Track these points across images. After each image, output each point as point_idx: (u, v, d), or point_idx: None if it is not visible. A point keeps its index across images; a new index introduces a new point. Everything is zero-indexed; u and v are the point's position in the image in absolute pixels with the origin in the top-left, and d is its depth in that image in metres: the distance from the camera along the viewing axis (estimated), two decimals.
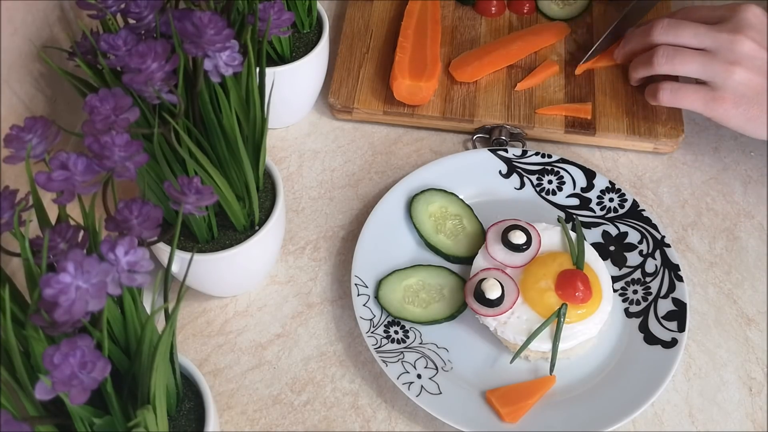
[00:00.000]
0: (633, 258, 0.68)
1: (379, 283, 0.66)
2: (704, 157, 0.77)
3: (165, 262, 0.61)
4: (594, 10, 0.85)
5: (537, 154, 0.73)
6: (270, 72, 0.69)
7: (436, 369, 0.63)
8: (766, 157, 0.77)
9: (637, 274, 0.67)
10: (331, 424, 0.62)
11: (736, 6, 0.69)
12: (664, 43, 0.70)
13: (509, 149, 0.74)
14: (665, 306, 0.65)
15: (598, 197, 0.71)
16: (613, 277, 0.66)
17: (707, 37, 0.68)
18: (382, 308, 0.65)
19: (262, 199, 0.63)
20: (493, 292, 0.62)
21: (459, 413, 0.60)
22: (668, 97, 0.71)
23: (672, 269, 0.67)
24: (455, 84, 0.79)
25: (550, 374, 0.63)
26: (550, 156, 0.73)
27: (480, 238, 0.69)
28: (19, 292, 0.46)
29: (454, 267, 0.68)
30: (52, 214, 0.47)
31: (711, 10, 0.71)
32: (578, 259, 0.64)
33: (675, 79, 0.73)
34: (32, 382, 0.41)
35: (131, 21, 0.53)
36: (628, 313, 0.66)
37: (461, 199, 0.71)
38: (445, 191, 0.71)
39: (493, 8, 0.84)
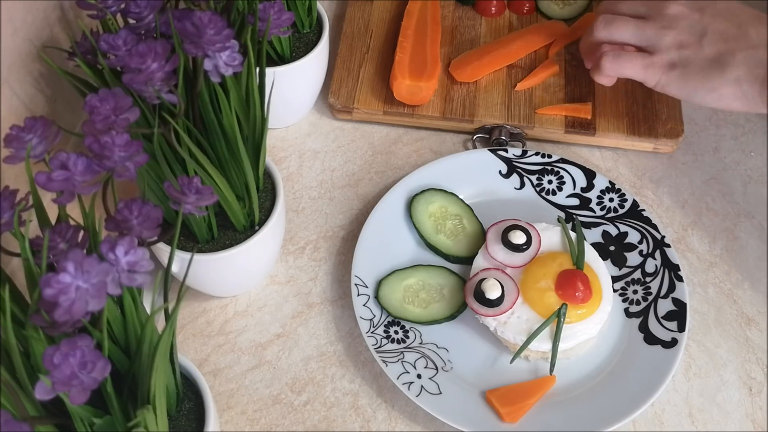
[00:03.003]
0: (633, 258, 0.68)
1: (379, 283, 0.66)
2: (704, 157, 0.77)
3: (165, 262, 0.61)
4: (594, 10, 0.85)
5: (537, 154, 0.73)
6: (270, 72, 0.69)
7: (436, 369, 0.63)
8: (766, 157, 0.77)
9: (637, 274, 0.67)
10: (331, 424, 0.62)
11: None
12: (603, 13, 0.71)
13: (509, 149, 0.74)
14: (665, 306, 0.65)
15: (598, 197, 0.71)
16: (613, 277, 0.66)
17: (641, 4, 0.70)
18: (382, 308, 0.65)
19: (262, 199, 0.63)
20: (493, 292, 0.62)
21: (459, 413, 0.60)
22: (609, 64, 0.69)
23: (672, 269, 0.67)
24: (455, 84, 0.79)
25: (550, 374, 0.63)
26: (550, 156, 0.73)
27: (480, 238, 0.69)
28: (19, 292, 0.46)
29: (454, 267, 0.68)
30: (52, 214, 0.47)
31: None
32: (578, 259, 0.64)
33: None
34: (32, 382, 0.41)
35: (131, 21, 0.53)
36: (628, 313, 0.66)
37: (461, 199, 0.71)
38: (445, 191, 0.71)
39: (493, 8, 0.84)
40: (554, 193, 0.72)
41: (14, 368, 0.42)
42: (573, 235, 0.66)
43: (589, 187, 0.72)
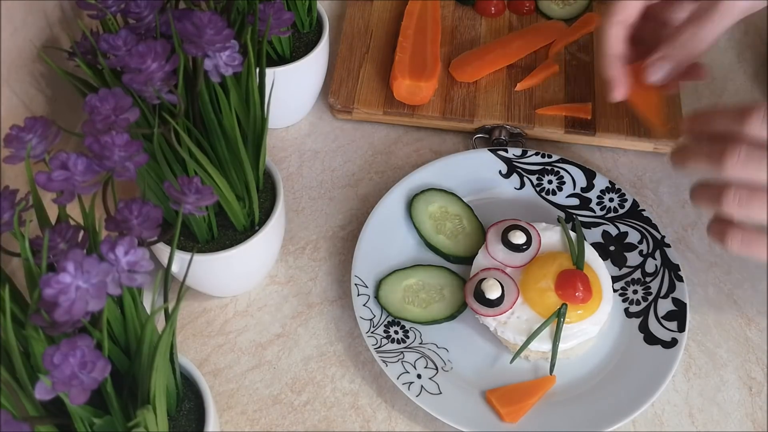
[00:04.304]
0: (633, 258, 0.68)
1: (379, 283, 0.66)
2: None
3: (165, 262, 0.61)
4: (594, 10, 0.85)
5: (537, 154, 0.73)
6: (270, 72, 0.69)
7: (436, 369, 0.63)
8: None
9: (637, 274, 0.67)
10: (331, 424, 0.62)
11: None
12: (737, 180, 0.54)
13: (509, 149, 0.74)
14: (665, 306, 0.65)
15: (598, 197, 0.71)
16: (613, 277, 0.66)
17: None
18: (382, 308, 0.65)
19: (262, 199, 0.63)
20: (493, 292, 0.62)
21: (459, 413, 0.60)
22: (739, 246, 0.56)
23: (672, 269, 0.67)
24: (455, 84, 0.79)
25: (550, 374, 0.63)
26: (550, 156, 0.73)
27: (480, 238, 0.69)
28: (19, 292, 0.46)
29: (454, 267, 0.68)
30: (52, 214, 0.47)
31: None
32: (578, 259, 0.64)
33: None
34: (32, 382, 0.41)
35: (131, 21, 0.53)
36: (628, 313, 0.66)
37: (461, 199, 0.71)
38: (445, 191, 0.71)
39: (493, 8, 0.84)
40: (554, 193, 0.72)
41: (14, 368, 0.42)
42: (573, 235, 0.66)
43: (589, 187, 0.72)
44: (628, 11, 0.62)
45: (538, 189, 0.73)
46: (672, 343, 0.63)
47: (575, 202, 0.72)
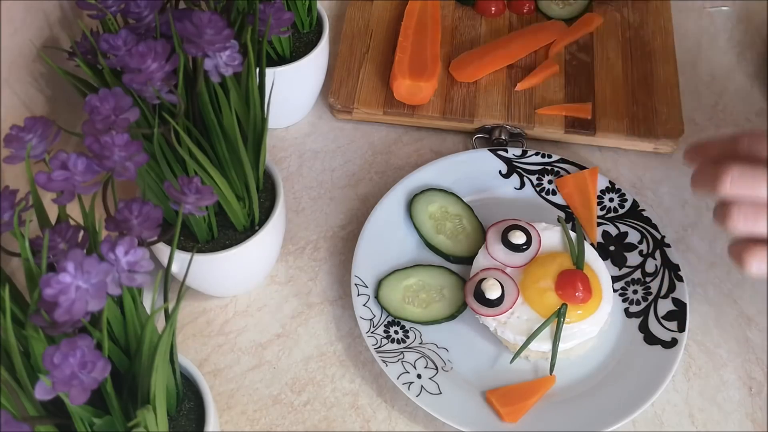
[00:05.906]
0: (633, 258, 0.68)
1: (379, 283, 0.66)
2: None
3: (165, 262, 0.61)
4: (594, 10, 0.85)
5: (537, 154, 0.73)
6: (270, 72, 0.69)
7: (436, 369, 0.63)
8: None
9: (637, 274, 0.67)
10: (331, 424, 0.62)
11: None
12: (738, 197, 0.55)
13: (509, 149, 0.74)
14: (665, 306, 0.65)
15: (598, 197, 0.71)
16: (613, 277, 0.66)
17: None
18: (382, 308, 0.65)
19: (262, 199, 0.63)
20: (493, 292, 0.62)
21: (459, 413, 0.60)
22: (759, 265, 0.54)
23: (672, 269, 0.67)
24: (455, 84, 0.79)
25: (550, 374, 0.63)
26: (550, 156, 0.73)
27: (480, 238, 0.69)
28: (19, 292, 0.46)
29: (454, 267, 0.68)
30: (52, 214, 0.47)
31: None
32: (578, 259, 0.64)
33: None
34: (32, 382, 0.41)
35: (131, 21, 0.53)
36: (628, 313, 0.66)
37: (461, 199, 0.71)
38: (445, 191, 0.71)
39: (493, 8, 0.84)
40: (554, 193, 0.72)
41: (14, 368, 0.42)
42: (573, 235, 0.66)
43: None
44: None
45: (538, 189, 0.73)
46: (672, 343, 0.63)
47: None
